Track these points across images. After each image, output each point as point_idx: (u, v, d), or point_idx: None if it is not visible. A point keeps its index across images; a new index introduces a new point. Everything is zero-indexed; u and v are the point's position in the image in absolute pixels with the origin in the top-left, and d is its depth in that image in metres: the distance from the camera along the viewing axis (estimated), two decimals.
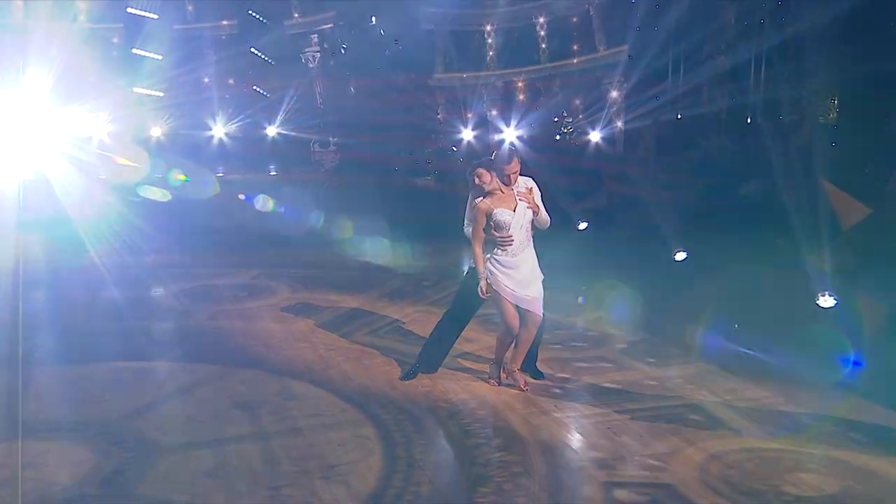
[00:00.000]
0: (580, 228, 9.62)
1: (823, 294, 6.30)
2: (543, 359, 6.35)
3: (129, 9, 18.22)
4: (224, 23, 19.85)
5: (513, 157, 5.76)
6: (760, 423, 5.28)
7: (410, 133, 16.03)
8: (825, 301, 6.27)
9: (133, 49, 18.61)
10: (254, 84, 20.16)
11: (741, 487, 4.38)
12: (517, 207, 5.69)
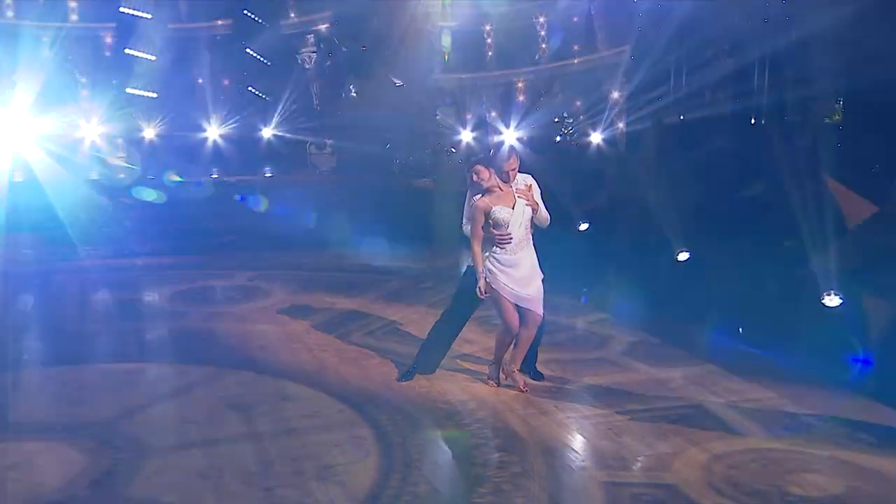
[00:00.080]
0: (581, 229, 9.63)
1: (829, 293, 6.29)
2: (543, 360, 6.35)
3: (122, 8, 18.26)
4: (218, 22, 19.82)
5: (511, 154, 5.76)
6: (765, 424, 5.28)
7: (408, 135, 16.04)
8: (831, 300, 6.27)
9: (126, 49, 18.63)
10: (249, 85, 20.16)
11: (745, 488, 4.37)
12: (516, 205, 5.68)
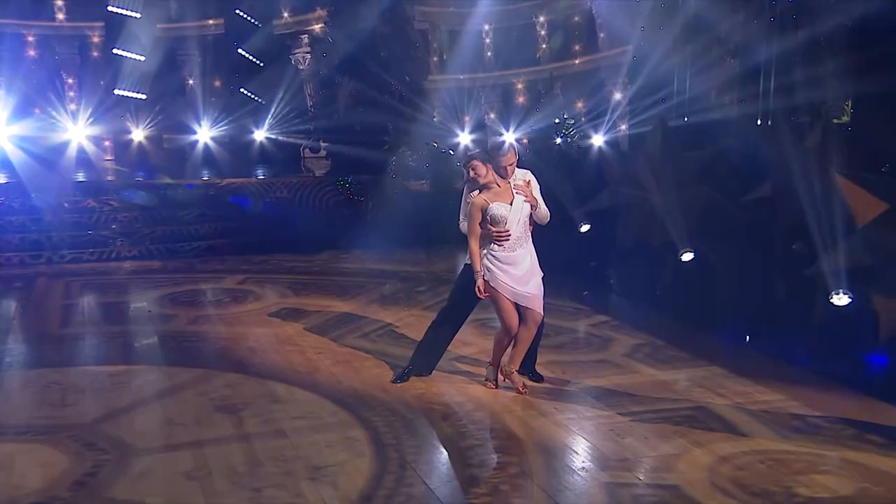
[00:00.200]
0: (582, 230, 9.61)
1: (838, 292, 6.27)
2: (543, 362, 6.33)
3: (110, 7, 18.27)
4: (210, 22, 19.82)
5: (509, 149, 5.72)
6: (772, 426, 5.25)
7: (404, 137, 16.03)
8: (840, 299, 6.24)
9: (114, 49, 18.63)
10: (241, 86, 20.16)
11: (751, 488, 4.34)
12: (514, 201, 5.67)
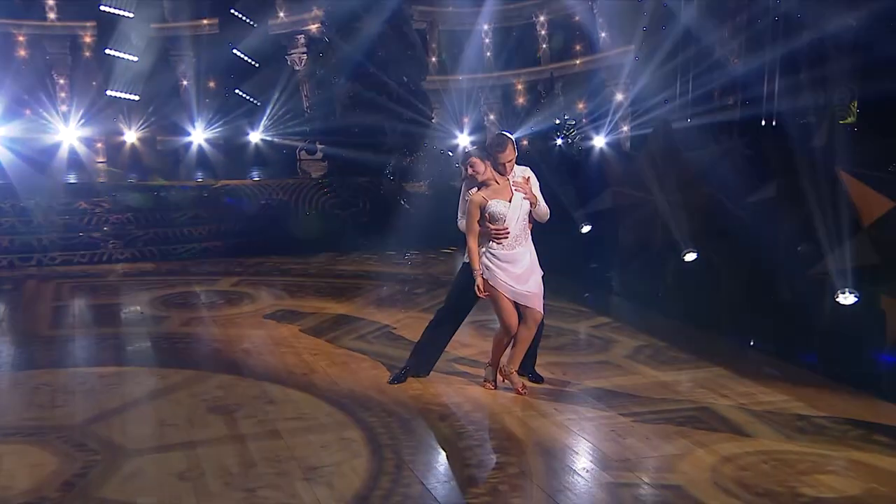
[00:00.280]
0: (583, 231, 9.63)
1: (844, 291, 6.27)
2: (543, 363, 6.32)
3: (103, 6, 18.31)
4: (204, 22, 19.88)
5: (507, 144, 5.66)
6: (776, 426, 5.25)
7: (402, 138, 16.04)
8: (845, 298, 6.25)
9: (106, 49, 18.68)
10: (236, 87, 20.20)
11: (755, 489, 4.33)
12: (513, 198, 5.66)
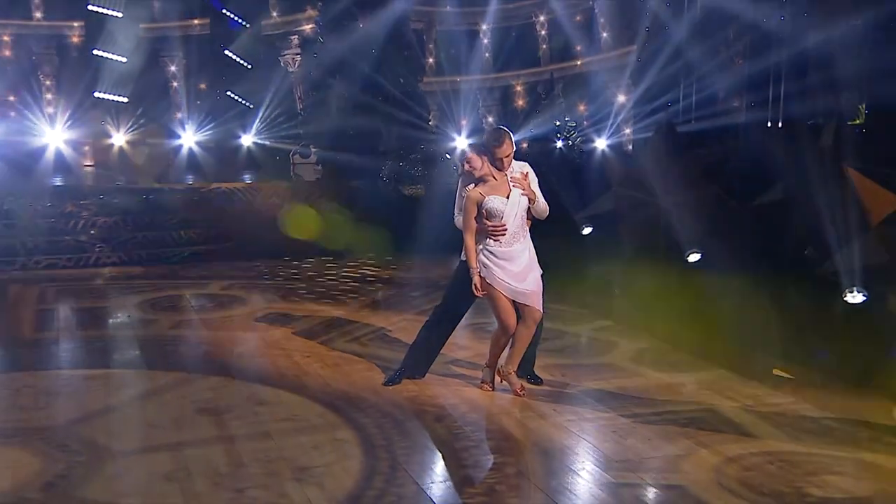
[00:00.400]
0: (584, 233, 9.64)
1: (852, 290, 6.28)
2: (542, 365, 6.32)
3: (91, 6, 18.33)
4: (195, 22, 19.90)
5: (504, 139, 5.63)
6: (783, 427, 5.24)
7: (398, 141, 16.09)
8: (854, 297, 6.25)
9: (94, 49, 18.70)
10: (227, 89, 20.21)
11: (760, 489, 4.32)
12: (511, 194, 5.66)
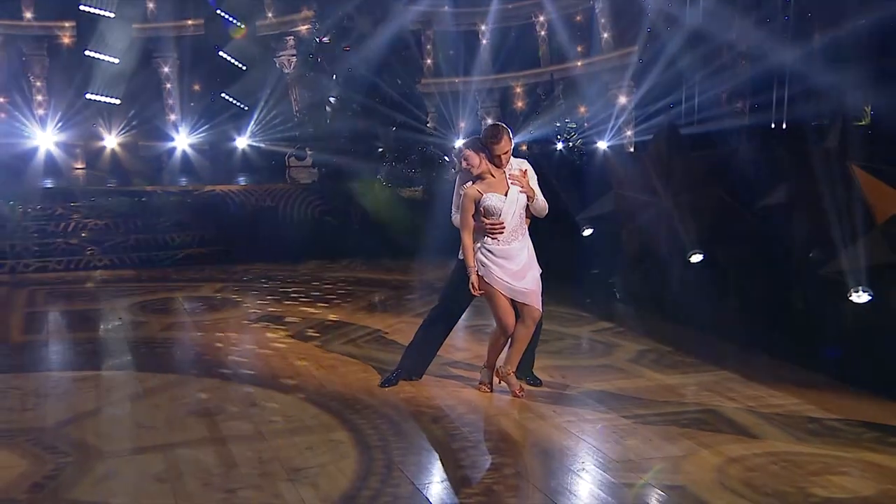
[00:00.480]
0: (585, 235, 9.64)
1: (857, 290, 6.27)
2: (542, 367, 6.32)
3: (83, 6, 18.34)
4: (188, 22, 19.90)
5: (502, 135, 5.60)
6: (787, 428, 5.24)
7: (395, 144, 16.10)
8: (859, 297, 6.25)
9: (86, 50, 18.72)
10: (222, 90, 20.24)
11: (763, 489, 4.32)
12: (509, 192, 5.66)
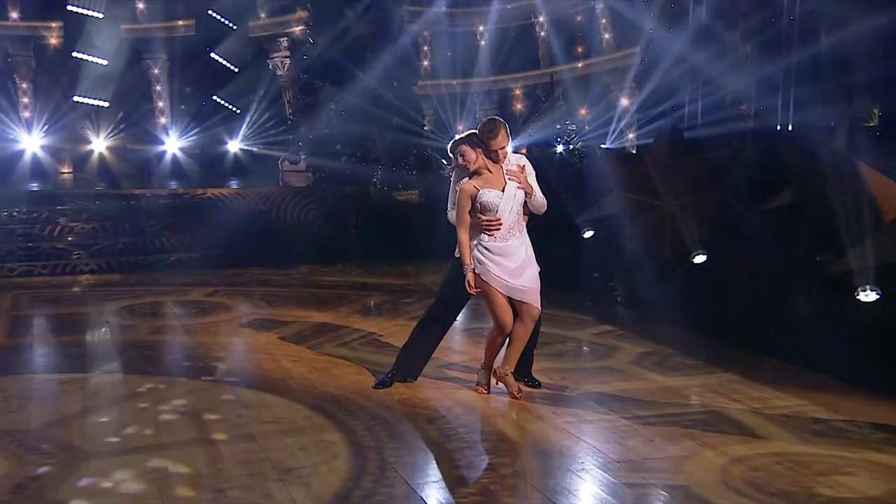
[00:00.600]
0: (585, 236, 9.65)
1: (864, 289, 6.28)
2: (541, 369, 6.32)
3: (70, 6, 18.36)
4: (179, 23, 19.91)
5: (499, 130, 5.63)
6: (792, 429, 5.25)
7: (391, 146, 16.12)
8: (867, 296, 6.25)
9: (74, 52, 18.74)
10: (213, 93, 20.26)
11: (768, 489, 4.31)
12: (506, 188, 5.67)
